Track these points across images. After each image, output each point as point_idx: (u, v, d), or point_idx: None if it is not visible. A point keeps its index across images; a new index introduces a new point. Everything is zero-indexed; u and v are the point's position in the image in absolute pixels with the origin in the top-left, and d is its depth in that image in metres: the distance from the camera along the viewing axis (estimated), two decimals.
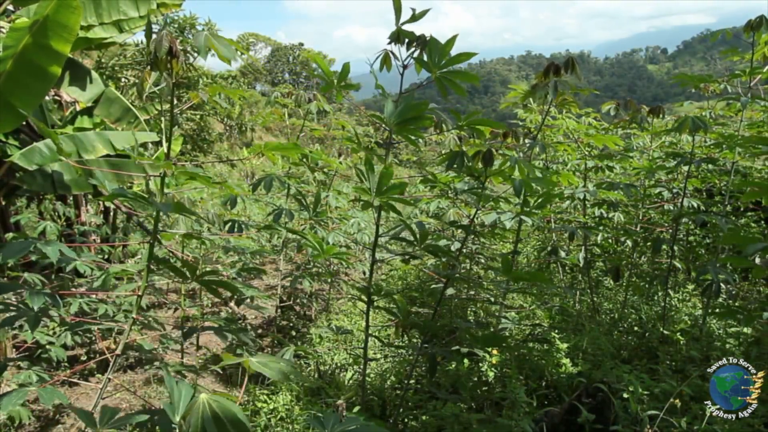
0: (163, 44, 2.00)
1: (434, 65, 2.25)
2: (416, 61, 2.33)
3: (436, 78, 2.28)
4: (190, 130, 16.15)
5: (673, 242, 4.57)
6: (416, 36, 2.29)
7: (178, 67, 2.06)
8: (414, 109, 2.15)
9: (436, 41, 2.25)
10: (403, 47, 2.34)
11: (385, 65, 2.40)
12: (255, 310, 3.84)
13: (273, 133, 29.39)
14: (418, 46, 2.29)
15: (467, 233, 2.62)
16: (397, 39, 2.33)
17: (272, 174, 3.86)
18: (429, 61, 2.26)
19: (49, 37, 3.50)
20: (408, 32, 2.30)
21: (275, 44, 46.90)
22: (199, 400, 1.37)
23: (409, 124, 2.17)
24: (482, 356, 3.57)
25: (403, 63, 2.37)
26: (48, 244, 2.14)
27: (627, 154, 5.49)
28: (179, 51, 2.10)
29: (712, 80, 4.50)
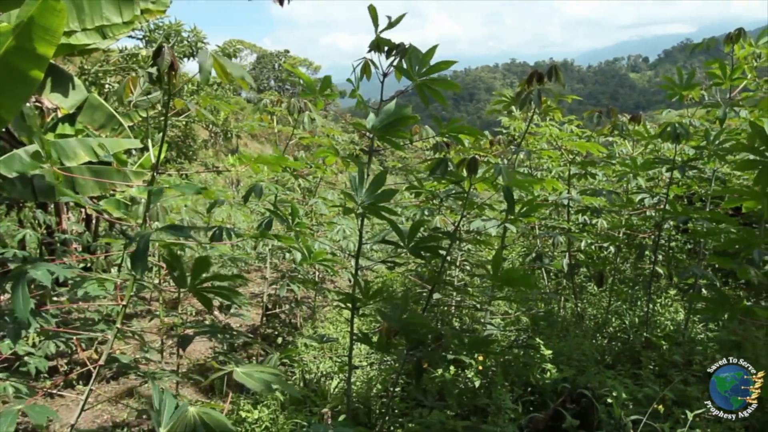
0: (165, 59, 1.99)
1: (415, 73, 2.26)
2: (396, 69, 2.34)
3: (417, 86, 2.29)
4: (174, 136, 16.03)
5: (656, 248, 4.64)
6: (395, 44, 2.30)
7: (176, 81, 2.05)
8: (395, 113, 2.16)
9: (416, 50, 2.26)
10: (383, 56, 2.35)
11: (365, 74, 2.41)
12: (239, 318, 3.81)
13: (259, 140, 29.26)
14: (397, 55, 2.29)
15: (452, 240, 2.63)
16: (377, 48, 2.33)
17: (259, 181, 3.84)
18: (409, 69, 2.27)
19: (32, 40, 3.45)
20: (386, 40, 2.31)
21: (261, 51, 46.78)
22: (189, 412, 1.36)
23: (391, 129, 2.18)
24: (468, 363, 3.57)
25: (384, 71, 2.38)
26: (36, 268, 2.08)
27: (609, 161, 5.56)
28: (179, 65, 2.09)
29: (695, 87, 4.58)
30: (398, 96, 2.56)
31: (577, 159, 5.40)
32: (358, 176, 2.17)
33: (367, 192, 2.22)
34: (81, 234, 5.53)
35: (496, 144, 4.33)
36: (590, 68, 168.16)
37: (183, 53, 11.57)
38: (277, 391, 1.79)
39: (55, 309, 3.96)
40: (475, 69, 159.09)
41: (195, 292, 2.09)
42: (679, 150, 4.35)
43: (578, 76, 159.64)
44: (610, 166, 5.41)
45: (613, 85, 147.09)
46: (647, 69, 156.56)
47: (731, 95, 4.80)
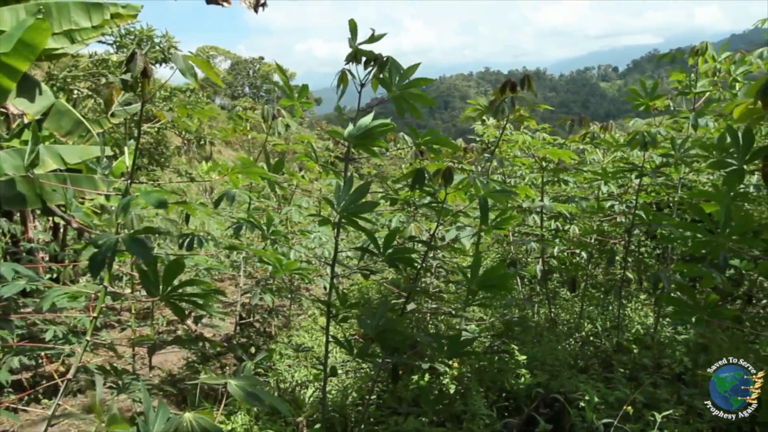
0: (138, 65, 1.96)
1: (393, 85, 2.29)
2: (375, 80, 2.36)
3: (394, 98, 2.31)
4: (146, 143, 15.78)
5: (626, 254, 4.73)
6: (374, 55, 2.32)
7: (150, 87, 2.02)
8: (372, 123, 2.17)
9: (395, 62, 2.29)
10: (361, 66, 2.37)
11: (342, 83, 2.42)
12: (212, 328, 3.75)
13: (233, 147, 28.99)
14: (375, 65, 2.31)
15: (428, 248, 2.64)
16: (355, 58, 2.35)
17: (233, 188, 3.80)
18: (389, 81, 2.29)
19: (13, 55, 3.41)
20: (365, 51, 2.33)
21: (235, 58, 46.46)
22: (185, 418, 1.38)
23: (368, 138, 2.19)
24: (443, 369, 3.59)
25: (361, 82, 2.39)
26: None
27: (581, 168, 5.67)
28: (152, 71, 2.06)
29: (660, 97, 4.71)
30: (376, 105, 2.58)
31: (549, 166, 5.50)
32: (343, 185, 2.17)
33: (347, 202, 2.22)
34: (48, 243, 5.39)
35: (470, 151, 4.38)
36: (562, 77, 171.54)
37: (155, 59, 11.41)
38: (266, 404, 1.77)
39: (19, 320, 3.85)
40: (450, 77, 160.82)
41: (167, 301, 2.05)
42: (647, 157, 4.47)
43: (550, 84, 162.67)
44: (581, 173, 5.52)
45: (585, 93, 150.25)
46: (617, 78, 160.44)
47: (695, 105, 4.95)
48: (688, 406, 3.09)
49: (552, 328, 4.88)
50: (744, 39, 31.05)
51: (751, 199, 4.17)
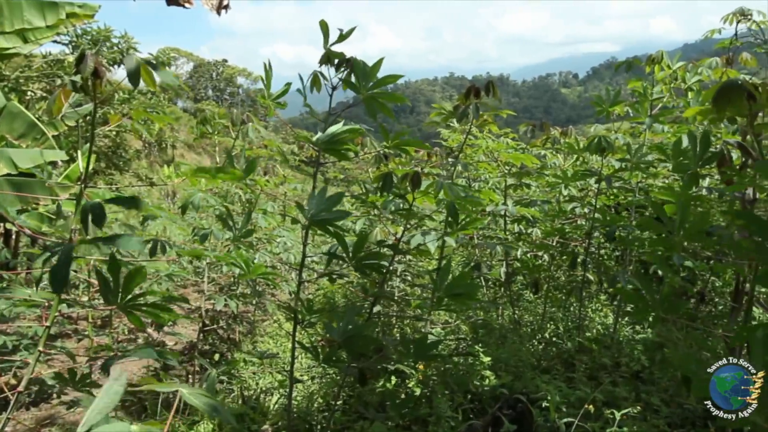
0: (88, 64, 1.89)
1: (362, 87, 2.28)
2: (344, 83, 2.35)
3: (365, 99, 2.31)
4: (104, 146, 15.33)
5: (586, 255, 4.85)
6: (346, 58, 2.32)
7: (101, 88, 1.95)
8: (342, 129, 2.17)
9: (361, 63, 2.28)
10: (332, 69, 2.36)
11: (315, 87, 2.41)
12: (174, 335, 3.67)
13: (196, 151, 28.47)
14: (347, 68, 2.31)
15: (395, 252, 2.65)
16: (327, 61, 2.34)
17: (197, 193, 3.72)
18: (358, 83, 2.28)
19: None
20: (338, 53, 2.32)
21: (198, 60, 45.69)
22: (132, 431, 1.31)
23: (337, 143, 2.19)
24: (409, 373, 3.60)
25: (333, 85, 2.39)
26: None
27: (543, 172, 5.79)
28: (104, 71, 1.99)
29: (620, 104, 4.85)
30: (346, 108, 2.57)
31: (512, 170, 5.59)
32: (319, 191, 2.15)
33: (318, 208, 2.20)
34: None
35: (434, 155, 4.42)
36: (524, 83, 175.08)
37: (113, 60, 11.11)
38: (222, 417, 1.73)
39: None
40: (416, 82, 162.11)
41: (125, 311, 1.99)
42: (605, 162, 4.60)
43: (514, 90, 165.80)
44: (543, 177, 5.64)
45: (546, 99, 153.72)
46: (577, 85, 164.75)
47: (652, 112, 5.12)
48: (645, 404, 3.19)
49: (516, 330, 4.96)
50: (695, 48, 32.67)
51: (705, 202, 4.34)
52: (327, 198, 2.16)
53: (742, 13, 5.03)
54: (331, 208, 2.13)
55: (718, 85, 2.03)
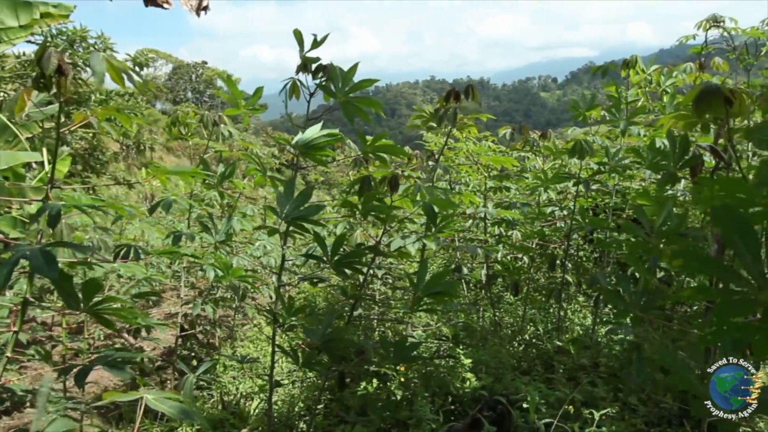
0: (51, 61, 1.84)
1: (339, 92, 2.28)
2: (321, 89, 2.35)
3: (342, 104, 2.31)
4: (81, 149, 15.06)
5: (565, 257, 4.91)
6: (322, 65, 2.32)
7: (66, 86, 1.91)
8: (321, 133, 2.16)
9: (338, 68, 2.28)
10: (309, 75, 2.36)
11: (293, 94, 2.40)
12: (152, 341, 3.61)
13: (175, 153, 28.10)
14: (324, 75, 2.31)
15: (375, 254, 2.64)
16: (304, 68, 2.34)
17: (173, 196, 3.67)
18: (334, 88, 2.28)
19: None
20: (313, 59, 2.32)
21: (177, 61, 45.17)
22: None
23: (316, 147, 2.18)
24: (390, 375, 3.59)
25: (310, 91, 2.38)
26: None
27: (523, 175, 5.84)
28: (68, 68, 1.94)
29: (597, 108, 4.93)
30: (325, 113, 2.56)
31: (492, 173, 5.63)
32: (285, 191, 2.13)
33: (291, 207, 2.19)
34: None
35: (415, 158, 4.43)
36: (504, 87, 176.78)
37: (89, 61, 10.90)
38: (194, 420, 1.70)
39: None
40: (397, 85, 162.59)
41: (92, 314, 1.95)
42: (584, 165, 4.66)
43: (494, 93, 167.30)
44: (523, 179, 5.69)
45: (526, 103, 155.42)
46: (556, 88, 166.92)
47: (627, 115, 5.21)
48: (623, 403, 3.23)
49: (496, 332, 4.99)
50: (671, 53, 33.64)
51: (680, 204, 4.42)
52: (298, 195, 2.15)
53: (714, 19, 5.14)
54: (303, 205, 2.12)
55: (697, 89, 2.07)
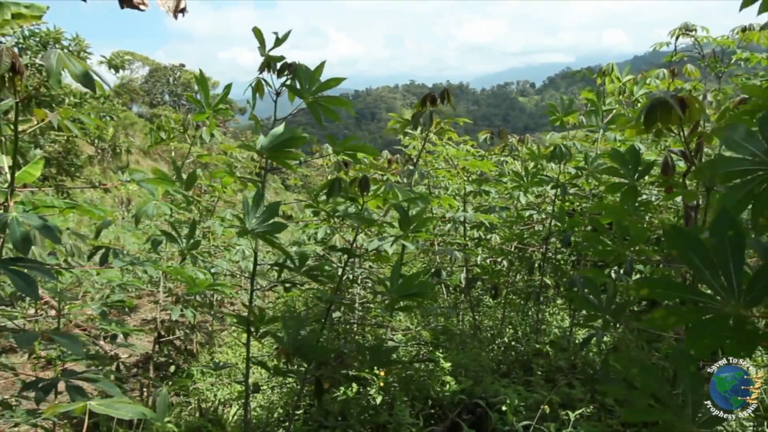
0: (3, 60, 1.81)
1: (305, 91, 2.26)
2: (288, 89, 2.33)
3: (308, 104, 2.29)
4: (54, 152, 14.76)
5: (543, 260, 4.96)
6: (287, 63, 2.30)
7: (21, 86, 1.87)
8: (284, 134, 2.14)
9: (304, 68, 2.26)
10: (275, 75, 2.34)
11: (258, 93, 2.37)
12: (128, 347, 3.55)
13: (152, 157, 27.73)
14: (290, 74, 2.29)
15: (349, 256, 2.64)
16: (268, 67, 2.32)
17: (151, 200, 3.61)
18: (300, 87, 2.26)
19: None
20: (277, 58, 2.30)
21: (154, 64, 44.62)
22: None
23: (281, 149, 2.15)
24: (370, 380, 3.58)
25: (276, 90, 2.36)
26: None
27: (501, 179, 5.90)
28: (22, 67, 1.91)
29: (574, 113, 5.00)
30: (293, 114, 2.55)
31: (471, 177, 5.68)
32: (253, 201, 2.11)
33: (257, 221, 2.16)
34: None
35: (394, 162, 4.45)
36: (484, 91, 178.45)
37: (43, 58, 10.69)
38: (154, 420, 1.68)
39: None
40: (376, 89, 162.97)
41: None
42: (562, 169, 4.72)
43: (473, 98, 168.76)
44: (502, 183, 5.74)
45: (505, 107, 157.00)
46: (534, 93, 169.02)
47: (604, 121, 5.31)
48: (599, 404, 3.27)
49: (476, 335, 5.01)
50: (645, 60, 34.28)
51: (653, 209, 4.51)
52: (265, 209, 2.12)
53: (686, 27, 5.28)
54: (268, 220, 2.10)
55: (646, 102, 2.13)
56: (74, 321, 4.68)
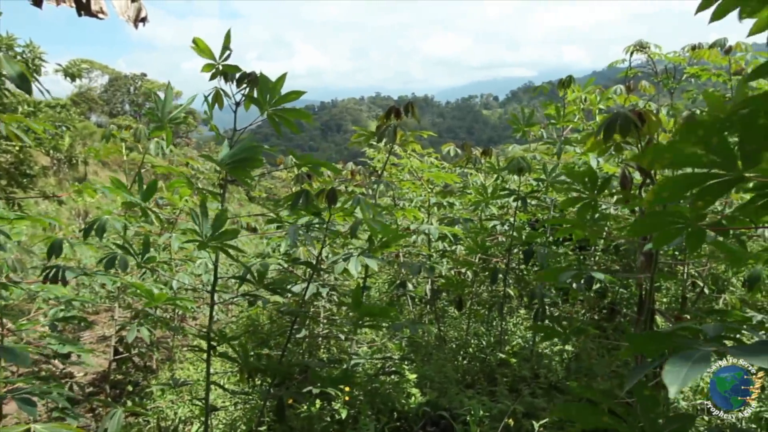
0: None
1: (266, 103, 2.24)
2: (247, 99, 2.30)
3: (268, 116, 2.26)
4: (6, 162, 14.19)
5: (506, 271, 5.02)
6: (245, 73, 2.27)
7: None
8: (246, 150, 2.10)
9: (266, 79, 2.24)
10: (233, 84, 2.30)
11: (216, 103, 2.33)
12: (82, 365, 3.41)
13: (111, 168, 26.98)
14: (248, 84, 2.26)
15: (313, 270, 2.61)
16: (224, 76, 2.28)
17: (107, 214, 3.49)
18: (260, 98, 2.23)
19: None
20: (232, 67, 2.27)
21: (114, 73, 43.60)
22: None
23: (241, 165, 2.12)
24: (335, 394, 3.54)
25: (236, 101, 2.32)
26: None
27: (465, 190, 5.97)
28: None
29: (535, 125, 5.12)
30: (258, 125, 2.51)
31: (436, 189, 5.72)
32: (200, 213, 2.06)
33: (210, 230, 2.11)
34: None
35: (358, 174, 4.44)
36: (448, 104, 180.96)
37: None
38: None
39: None
40: (342, 100, 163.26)
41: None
42: (523, 181, 4.81)
43: (438, 111, 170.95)
44: (466, 195, 5.81)
45: (469, 120, 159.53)
46: (498, 107, 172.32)
47: (564, 133, 5.44)
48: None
49: (441, 347, 5.02)
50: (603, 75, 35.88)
51: (613, 218, 4.63)
52: (213, 220, 2.08)
53: (640, 45, 5.48)
54: (219, 229, 2.06)
55: (605, 118, 2.20)
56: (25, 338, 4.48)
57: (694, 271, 4.62)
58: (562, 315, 5.70)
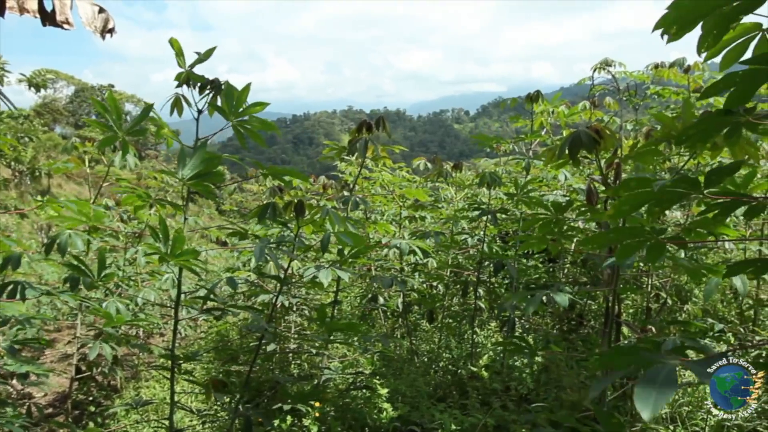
0: None
1: (230, 112, 2.21)
2: (211, 107, 2.27)
3: (233, 126, 2.24)
4: None
5: (477, 284, 5.06)
6: (209, 80, 2.24)
7: None
8: (206, 163, 2.07)
9: (232, 88, 2.21)
10: (196, 91, 2.27)
11: (176, 109, 2.30)
12: (40, 386, 3.29)
13: (76, 181, 26.29)
14: (212, 91, 2.23)
15: (281, 284, 2.58)
16: (187, 82, 2.25)
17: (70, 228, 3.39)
18: (226, 108, 2.21)
19: None
20: (198, 75, 2.24)
21: (80, 84, 42.71)
22: None
23: (202, 179, 2.08)
24: (305, 411, 3.49)
25: (198, 109, 2.29)
26: None
27: (436, 204, 6.01)
28: None
29: (503, 141, 5.20)
30: (229, 138, 2.49)
31: (407, 203, 5.75)
32: (160, 230, 2.02)
33: (170, 247, 2.07)
34: None
35: (330, 188, 4.44)
36: (420, 118, 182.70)
37: None
38: None
39: None
40: (315, 114, 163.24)
41: None
42: (493, 194, 4.87)
43: (410, 124, 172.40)
44: (437, 209, 5.85)
45: (441, 134, 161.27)
46: (469, 121, 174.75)
47: (532, 147, 5.55)
48: (533, 425, 3.33)
49: (413, 360, 5.01)
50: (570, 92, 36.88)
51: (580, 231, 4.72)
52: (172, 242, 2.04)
53: (606, 63, 5.64)
54: (180, 246, 2.02)
55: (568, 134, 2.28)
56: None
57: (659, 283, 4.74)
58: (532, 327, 5.76)
